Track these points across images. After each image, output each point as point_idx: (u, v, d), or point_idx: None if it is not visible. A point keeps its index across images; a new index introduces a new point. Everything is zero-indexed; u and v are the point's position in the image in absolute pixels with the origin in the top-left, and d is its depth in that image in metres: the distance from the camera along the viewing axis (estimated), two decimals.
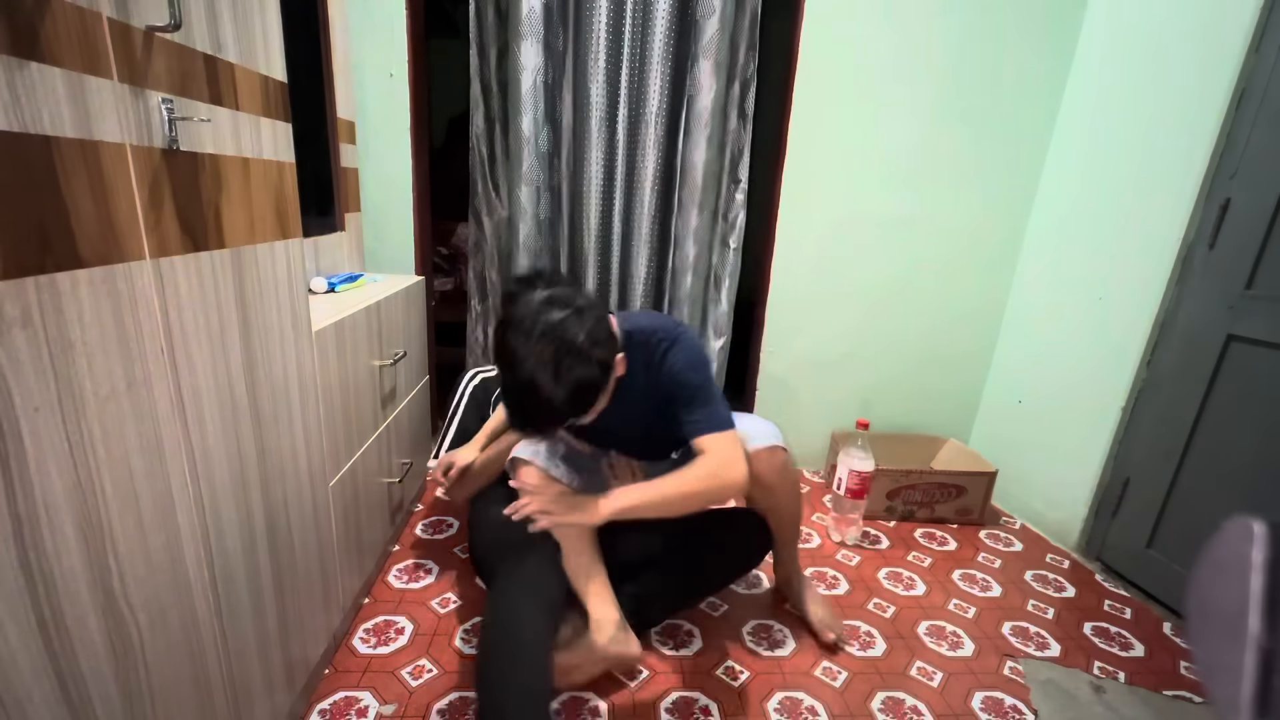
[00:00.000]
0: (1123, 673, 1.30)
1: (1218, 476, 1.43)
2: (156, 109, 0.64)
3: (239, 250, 0.79)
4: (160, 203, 0.65)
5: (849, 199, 1.93)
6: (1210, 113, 1.44)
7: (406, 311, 1.55)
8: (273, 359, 0.89)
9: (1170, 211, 1.52)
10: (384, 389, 1.39)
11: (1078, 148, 1.82)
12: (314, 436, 1.04)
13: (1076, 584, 1.61)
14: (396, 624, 1.31)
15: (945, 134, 1.88)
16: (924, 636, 1.37)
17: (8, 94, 0.48)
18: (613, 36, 1.73)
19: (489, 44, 1.74)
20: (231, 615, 0.82)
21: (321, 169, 1.48)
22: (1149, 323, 1.57)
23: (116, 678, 0.62)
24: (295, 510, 0.99)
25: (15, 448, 0.50)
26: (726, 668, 1.25)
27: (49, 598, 0.54)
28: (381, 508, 1.43)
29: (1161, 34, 1.58)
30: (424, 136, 1.82)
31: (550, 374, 0.92)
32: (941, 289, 2.03)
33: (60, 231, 0.53)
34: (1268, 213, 1.33)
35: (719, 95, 1.78)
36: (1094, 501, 1.71)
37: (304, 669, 1.06)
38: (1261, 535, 0.50)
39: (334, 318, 1.11)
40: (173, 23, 0.64)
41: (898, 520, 1.89)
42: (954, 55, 1.82)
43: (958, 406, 2.18)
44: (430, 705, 1.12)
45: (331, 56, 1.47)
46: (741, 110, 1.84)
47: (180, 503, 0.71)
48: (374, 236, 1.81)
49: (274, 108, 0.87)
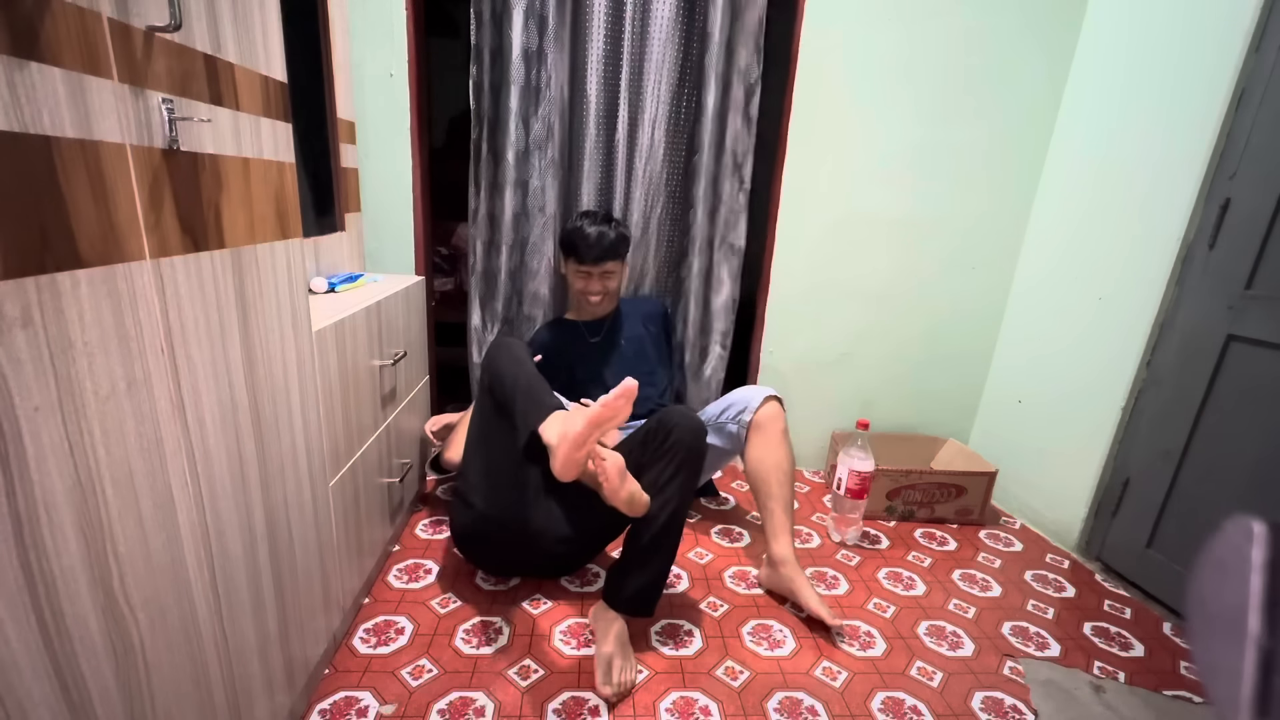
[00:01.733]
0: (1123, 673, 1.30)
1: (1218, 476, 1.43)
2: (157, 109, 0.64)
3: (239, 250, 0.79)
4: (160, 203, 0.65)
5: (848, 199, 1.93)
6: (1210, 113, 1.44)
7: (406, 311, 1.55)
8: (273, 359, 0.89)
9: (1170, 211, 1.52)
10: (384, 389, 1.39)
11: (1078, 148, 1.82)
12: (314, 436, 1.04)
13: (1076, 584, 1.61)
14: (396, 624, 1.31)
15: (945, 134, 1.88)
16: (924, 636, 1.37)
17: (8, 94, 0.48)
18: (611, 40, 1.73)
19: (484, 44, 1.74)
20: (231, 615, 0.82)
21: (321, 169, 1.48)
22: (1149, 323, 1.57)
23: (116, 678, 0.62)
24: (295, 510, 0.99)
25: (15, 448, 0.50)
26: (726, 668, 1.25)
27: (49, 598, 0.54)
28: (381, 508, 1.43)
29: (1161, 34, 1.58)
30: (424, 136, 1.82)
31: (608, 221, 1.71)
32: (941, 289, 2.03)
33: (60, 231, 0.53)
34: (1268, 213, 1.33)
35: (718, 101, 1.79)
36: (1094, 501, 1.71)
37: (304, 669, 1.06)
38: (1261, 535, 0.50)
39: (334, 318, 1.11)
40: (173, 23, 0.64)
41: (898, 520, 1.89)
42: (953, 55, 1.82)
43: (958, 407, 2.18)
44: (430, 705, 1.12)
45: (331, 56, 1.47)
46: (746, 115, 1.83)
47: (180, 503, 0.71)
48: (374, 236, 1.81)
49: (274, 108, 0.87)
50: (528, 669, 1.22)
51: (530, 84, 1.74)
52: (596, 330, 1.81)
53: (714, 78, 1.76)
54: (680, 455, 1.25)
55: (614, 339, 1.82)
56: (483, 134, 1.80)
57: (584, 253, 1.67)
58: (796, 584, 1.40)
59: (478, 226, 1.88)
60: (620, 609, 1.26)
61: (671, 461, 1.25)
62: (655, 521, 1.23)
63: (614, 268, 1.71)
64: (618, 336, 1.82)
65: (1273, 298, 1.34)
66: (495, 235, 1.88)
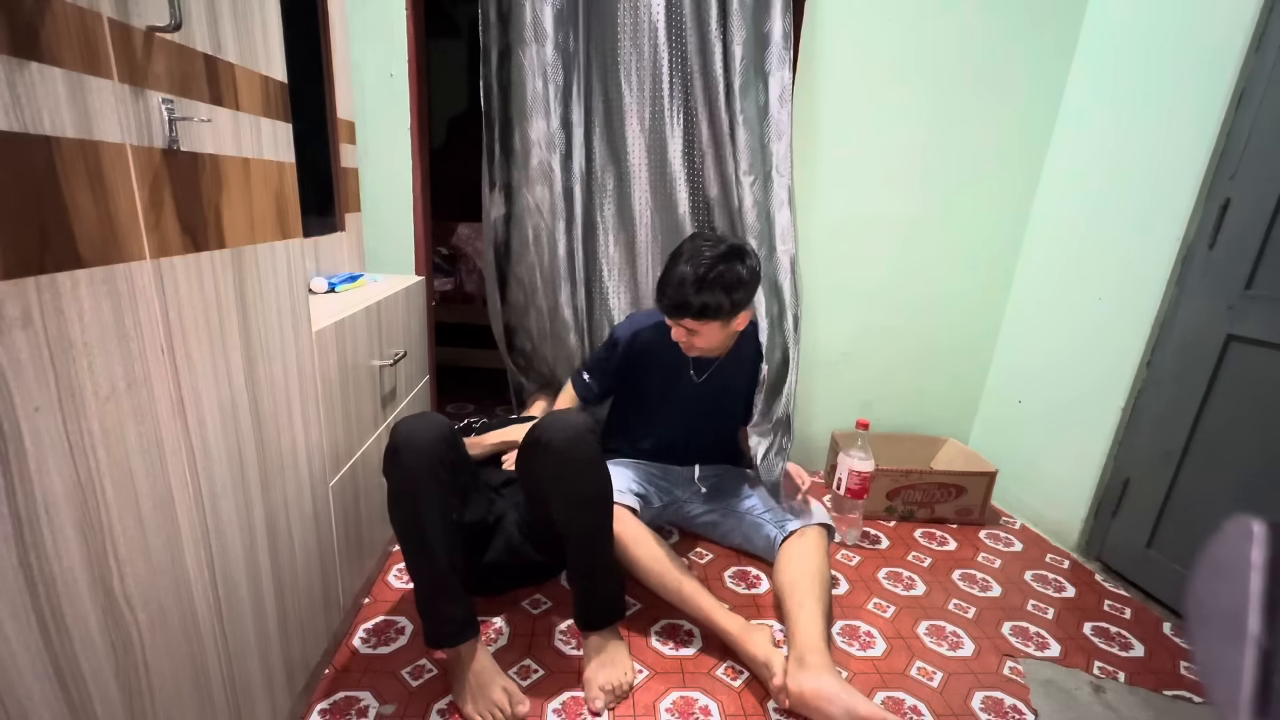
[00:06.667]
0: (1123, 673, 1.30)
1: (1218, 476, 1.43)
2: (157, 109, 0.64)
3: (239, 250, 0.79)
4: (160, 203, 0.65)
5: (848, 199, 1.92)
6: (1210, 113, 1.44)
7: (406, 311, 1.55)
8: (273, 359, 0.89)
9: (1170, 211, 1.52)
10: (384, 389, 1.39)
11: (1077, 148, 1.82)
12: (314, 436, 1.04)
13: (1076, 584, 1.61)
14: (396, 624, 1.31)
15: (944, 135, 1.88)
16: (924, 636, 1.37)
17: (8, 94, 0.48)
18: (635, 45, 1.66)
19: (491, 46, 1.73)
20: (231, 615, 0.82)
21: (321, 169, 1.48)
22: (1149, 323, 1.57)
23: (116, 678, 0.62)
24: (295, 510, 0.99)
25: (15, 448, 0.50)
26: (727, 668, 1.25)
27: (49, 598, 0.54)
28: (381, 508, 1.42)
29: (1161, 34, 1.58)
30: (424, 136, 1.81)
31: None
32: (941, 289, 2.03)
33: (60, 231, 0.53)
34: (1268, 213, 1.33)
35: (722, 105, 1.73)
36: (1094, 501, 1.71)
37: (304, 669, 1.06)
38: (1261, 535, 0.50)
39: (334, 318, 1.11)
40: (173, 23, 0.64)
41: (898, 520, 1.89)
42: (954, 55, 1.81)
43: (958, 406, 2.18)
44: (430, 705, 1.12)
45: (331, 56, 1.47)
46: (776, 131, 1.69)
47: (180, 502, 0.71)
48: (374, 236, 1.81)
49: (274, 108, 0.87)
50: (528, 669, 1.22)
51: (540, 85, 1.69)
52: (702, 368, 1.52)
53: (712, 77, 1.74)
54: (571, 468, 1.14)
55: (717, 384, 1.53)
56: (495, 136, 1.78)
57: (658, 295, 1.36)
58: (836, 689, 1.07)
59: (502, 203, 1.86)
60: (589, 628, 1.23)
61: (565, 478, 1.15)
62: (584, 541, 1.20)
63: (696, 327, 1.33)
64: (720, 382, 1.54)
65: (1273, 298, 1.33)
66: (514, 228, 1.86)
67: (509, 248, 1.90)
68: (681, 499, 1.64)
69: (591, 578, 1.22)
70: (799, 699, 1.09)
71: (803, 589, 1.26)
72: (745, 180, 1.70)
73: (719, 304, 1.28)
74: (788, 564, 1.35)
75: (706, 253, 1.28)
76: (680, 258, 1.31)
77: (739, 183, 1.71)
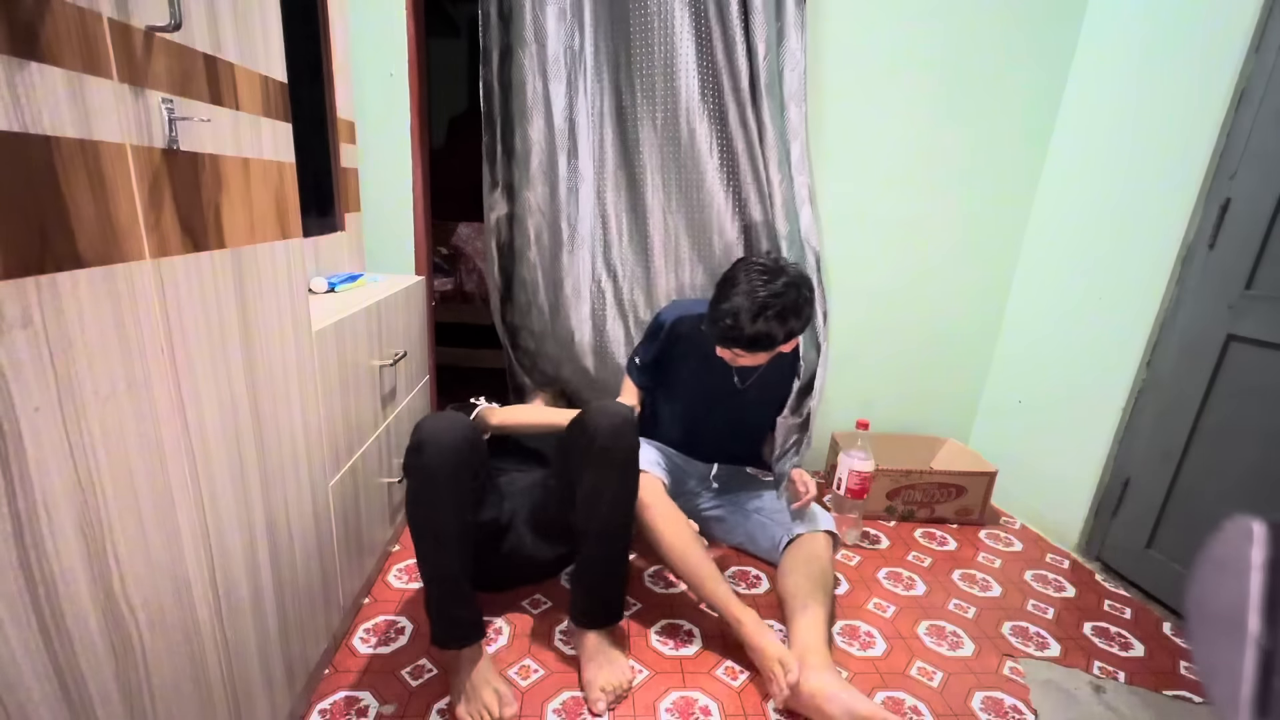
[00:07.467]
0: (1123, 673, 1.30)
1: (1218, 476, 1.43)
2: (157, 109, 0.64)
3: (239, 250, 0.79)
4: (160, 203, 0.65)
5: (848, 200, 1.92)
6: (1210, 113, 1.44)
7: (406, 311, 1.55)
8: (273, 359, 0.89)
9: (1170, 212, 1.52)
10: (384, 389, 1.39)
11: (1077, 148, 1.82)
12: (314, 436, 1.04)
13: (1076, 584, 1.61)
14: (396, 624, 1.31)
15: (945, 135, 1.88)
16: (924, 636, 1.37)
17: (8, 94, 0.48)
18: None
19: (492, 46, 1.73)
20: (231, 615, 0.82)
21: (321, 169, 1.47)
22: (1149, 323, 1.57)
23: (116, 678, 0.62)
24: (295, 510, 0.99)
25: (15, 448, 0.50)
26: (726, 668, 1.25)
27: (49, 598, 0.54)
28: (381, 508, 1.43)
29: (1161, 34, 1.58)
30: (424, 136, 1.82)
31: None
32: (941, 289, 2.03)
33: (60, 231, 0.53)
34: (1268, 213, 1.33)
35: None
36: (1094, 501, 1.71)
37: (304, 669, 1.06)
38: (1261, 535, 0.50)
39: (334, 318, 1.11)
40: (173, 23, 0.64)
41: (898, 520, 1.89)
42: (952, 56, 1.81)
43: (958, 406, 2.18)
44: (430, 705, 1.12)
45: (331, 56, 1.47)
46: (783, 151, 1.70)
47: (180, 503, 0.71)
48: (374, 236, 1.81)
49: (274, 108, 0.87)
50: (528, 669, 1.22)
51: (542, 87, 1.69)
52: (746, 375, 1.49)
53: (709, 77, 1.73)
54: (610, 458, 1.15)
55: (757, 391, 1.52)
56: (496, 136, 1.78)
57: (709, 321, 1.32)
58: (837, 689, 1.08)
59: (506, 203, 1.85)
60: (591, 626, 1.22)
61: (601, 467, 1.15)
62: (603, 535, 1.18)
63: (745, 355, 1.31)
64: (760, 388, 1.52)
65: (1273, 298, 1.33)
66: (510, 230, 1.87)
67: (511, 247, 1.90)
68: (692, 490, 1.65)
69: (601, 574, 1.22)
70: (799, 698, 1.10)
71: (806, 592, 1.27)
72: (775, 179, 1.69)
73: (773, 337, 1.27)
74: (793, 567, 1.35)
75: (761, 289, 1.24)
76: (734, 287, 1.27)
77: (769, 181, 1.70)
